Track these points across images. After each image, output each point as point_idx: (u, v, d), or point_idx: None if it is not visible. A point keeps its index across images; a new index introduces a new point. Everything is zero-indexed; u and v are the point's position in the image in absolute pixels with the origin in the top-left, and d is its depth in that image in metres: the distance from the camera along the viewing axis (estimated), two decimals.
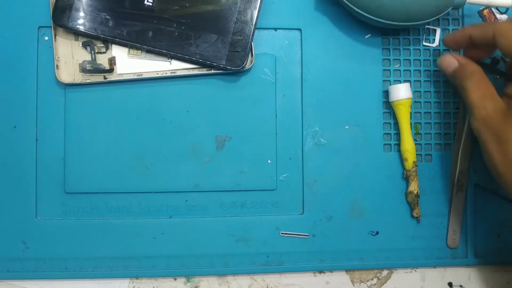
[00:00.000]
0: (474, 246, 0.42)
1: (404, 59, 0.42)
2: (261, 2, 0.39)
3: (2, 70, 0.39)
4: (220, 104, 0.40)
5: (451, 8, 0.39)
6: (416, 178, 0.41)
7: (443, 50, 0.43)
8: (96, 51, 0.39)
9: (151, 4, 0.38)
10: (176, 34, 0.38)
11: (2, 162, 0.39)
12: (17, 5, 0.39)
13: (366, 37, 0.42)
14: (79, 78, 0.39)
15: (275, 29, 0.41)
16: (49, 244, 0.39)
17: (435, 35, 0.43)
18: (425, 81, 0.43)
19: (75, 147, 0.39)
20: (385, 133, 0.42)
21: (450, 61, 0.38)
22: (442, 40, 0.42)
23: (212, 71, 0.40)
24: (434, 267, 0.43)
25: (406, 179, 0.42)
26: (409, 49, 0.42)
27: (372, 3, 0.37)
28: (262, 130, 0.41)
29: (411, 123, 0.42)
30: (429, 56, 0.43)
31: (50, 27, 0.39)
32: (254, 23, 0.39)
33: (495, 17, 0.43)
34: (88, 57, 0.39)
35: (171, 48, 0.38)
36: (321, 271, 0.42)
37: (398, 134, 0.42)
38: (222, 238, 0.40)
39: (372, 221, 0.42)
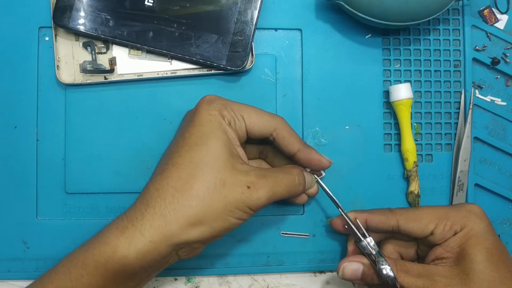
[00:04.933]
0: None
1: (404, 59, 0.42)
2: (261, 2, 0.39)
3: (2, 70, 0.39)
4: None
5: (454, 1, 0.39)
6: (416, 178, 0.41)
7: (443, 50, 0.43)
8: (96, 51, 0.39)
9: (151, 4, 0.38)
10: (176, 34, 0.38)
11: (3, 162, 0.39)
12: (17, 6, 0.39)
13: (367, 37, 0.42)
14: (80, 78, 0.39)
15: (276, 29, 0.41)
16: (49, 244, 0.39)
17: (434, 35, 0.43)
18: (425, 81, 0.43)
19: (76, 147, 0.39)
20: (385, 133, 0.42)
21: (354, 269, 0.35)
22: (329, 221, 0.39)
23: (213, 71, 0.40)
24: None
25: (407, 179, 0.42)
26: (409, 49, 0.42)
27: (376, 7, 0.37)
28: None
29: (411, 123, 0.42)
30: (430, 56, 0.43)
31: (51, 27, 0.39)
32: (254, 23, 0.39)
33: (495, 17, 0.43)
34: (88, 57, 0.39)
35: (172, 48, 0.38)
36: (321, 271, 0.42)
37: (398, 134, 0.42)
38: (223, 238, 0.40)
39: None
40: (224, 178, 0.31)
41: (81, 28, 0.38)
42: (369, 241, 0.35)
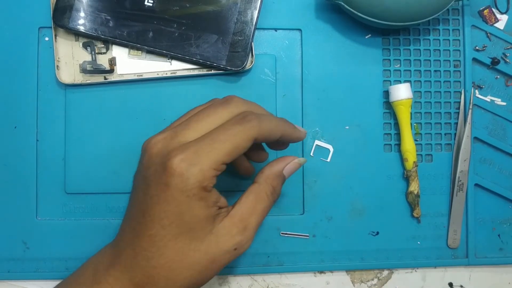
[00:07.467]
0: (474, 246, 0.42)
1: (404, 59, 0.42)
2: (261, 2, 0.39)
3: (2, 71, 0.39)
4: None
5: (454, 1, 0.39)
6: (416, 178, 0.41)
7: (443, 50, 0.43)
8: (96, 51, 0.39)
9: (151, 4, 0.38)
10: (176, 34, 0.38)
11: (3, 162, 0.39)
12: (17, 6, 0.39)
13: (366, 37, 0.42)
14: (80, 78, 0.39)
15: (275, 29, 0.41)
16: (49, 244, 0.39)
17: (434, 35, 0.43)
18: (425, 81, 0.43)
19: (76, 147, 0.39)
20: (385, 133, 0.42)
21: None
22: None
23: (213, 72, 0.40)
24: (435, 267, 0.43)
25: (407, 179, 0.42)
26: (409, 49, 0.42)
27: (376, 7, 0.37)
28: None
29: (411, 123, 0.42)
30: (429, 56, 0.43)
31: (51, 27, 0.39)
32: (254, 23, 0.39)
33: (495, 17, 0.43)
34: (88, 57, 0.39)
35: (172, 48, 0.38)
36: (321, 271, 0.42)
37: (398, 134, 0.42)
38: None
39: (372, 221, 0.42)
40: (213, 257, 0.30)
41: (81, 28, 0.38)
42: None
